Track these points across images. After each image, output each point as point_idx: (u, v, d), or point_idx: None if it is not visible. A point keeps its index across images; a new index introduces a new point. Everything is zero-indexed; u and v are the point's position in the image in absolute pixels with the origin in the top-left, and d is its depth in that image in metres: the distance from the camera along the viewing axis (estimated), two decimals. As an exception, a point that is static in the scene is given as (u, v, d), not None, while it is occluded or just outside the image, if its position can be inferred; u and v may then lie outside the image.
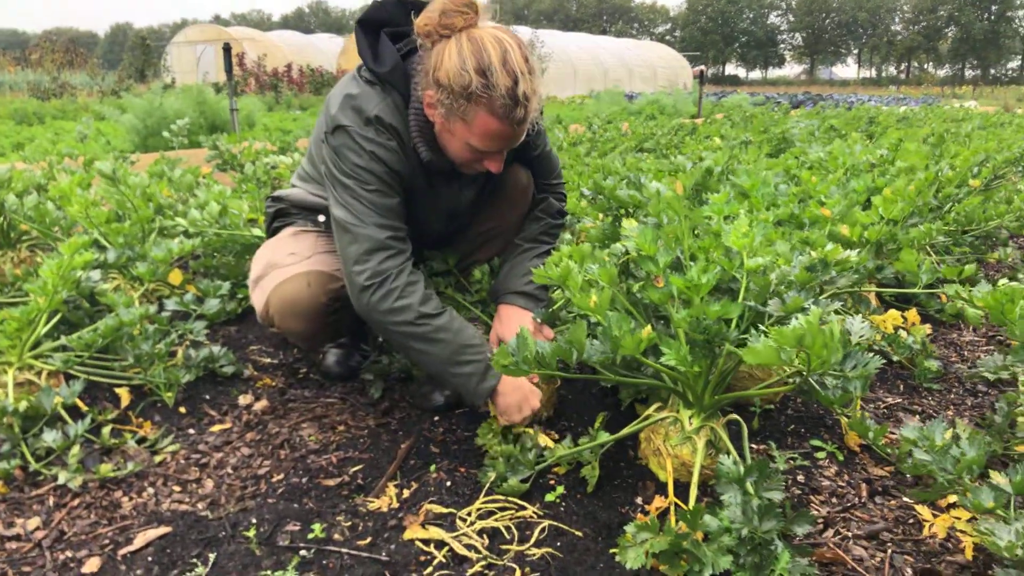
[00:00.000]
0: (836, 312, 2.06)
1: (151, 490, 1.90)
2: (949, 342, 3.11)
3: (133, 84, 22.37)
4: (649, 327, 1.65)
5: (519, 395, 2.00)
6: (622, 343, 1.61)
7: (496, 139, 1.86)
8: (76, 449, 1.98)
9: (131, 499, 1.86)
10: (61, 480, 1.89)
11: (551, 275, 1.68)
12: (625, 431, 1.94)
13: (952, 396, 2.57)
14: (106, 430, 2.07)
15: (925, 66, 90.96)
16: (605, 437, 1.91)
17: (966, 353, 2.99)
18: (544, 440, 2.01)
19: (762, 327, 1.95)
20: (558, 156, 2.43)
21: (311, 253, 2.25)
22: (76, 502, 1.84)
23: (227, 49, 7.98)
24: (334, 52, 34.94)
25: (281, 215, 2.45)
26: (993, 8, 78.30)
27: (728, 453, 1.89)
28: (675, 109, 15.69)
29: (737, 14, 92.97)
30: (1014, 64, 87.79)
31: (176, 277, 3.13)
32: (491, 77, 1.73)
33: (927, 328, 2.98)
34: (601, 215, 2.92)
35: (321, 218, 2.27)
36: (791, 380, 1.89)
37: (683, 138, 7.74)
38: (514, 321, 2.17)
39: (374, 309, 1.95)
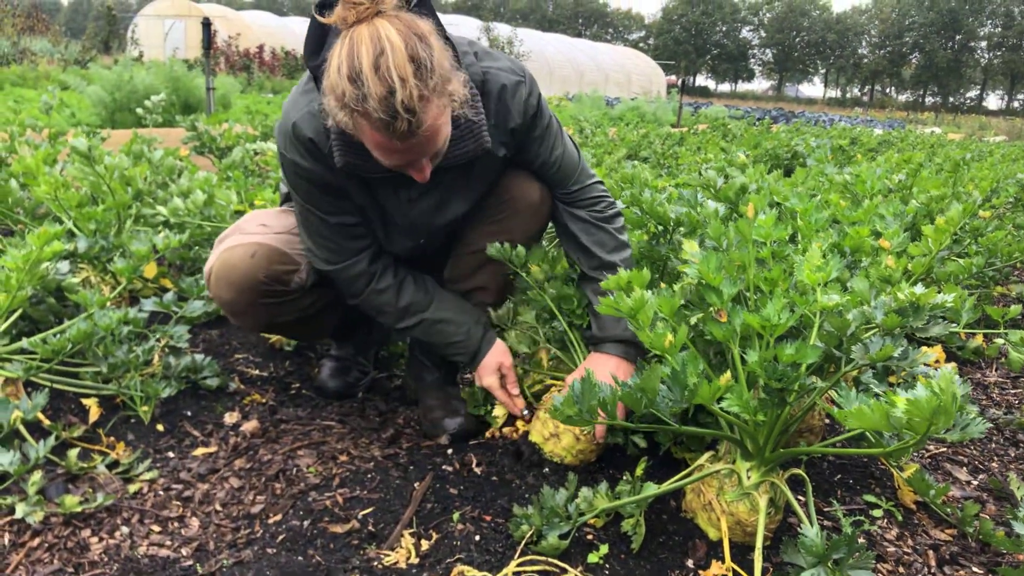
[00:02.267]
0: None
1: (125, 529, 1.63)
2: (976, 383, 2.96)
3: (98, 55, 21.57)
4: (728, 374, 1.43)
5: (487, 378, 2.08)
6: (699, 392, 1.39)
7: (392, 153, 1.56)
8: (37, 475, 1.69)
9: (101, 540, 1.59)
10: (19, 513, 1.60)
11: (621, 307, 1.45)
12: (674, 483, 1.72)
13: (993, 445, 2.41)
14: (72, 452, 1.78)
15: (888, 90, 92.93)
16: (652, 490, 1.68)
17: (995, 396, 2.85)
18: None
19: (829, 374, 1.76)
20: (577, 157, 2.06)
21: (281, 230, 2.03)
22: (36, 542, 1.56)
23: (206, 24, 7.57)
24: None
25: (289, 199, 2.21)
26: (957, 37, 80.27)
27: (794, 514, 1.69)
28: (655, 117, 15.58)
29: (710, 26, 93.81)
30: (972, 93, 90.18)
31: (151, 269, 2.83)
32: (362, 87, 1.41)
33: (954, 367, 2.83)
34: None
35: None
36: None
37: (671, 147, 7.57)
38: (601, 369, 1.92)
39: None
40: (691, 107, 24.46)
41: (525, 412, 2.09)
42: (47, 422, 1.90)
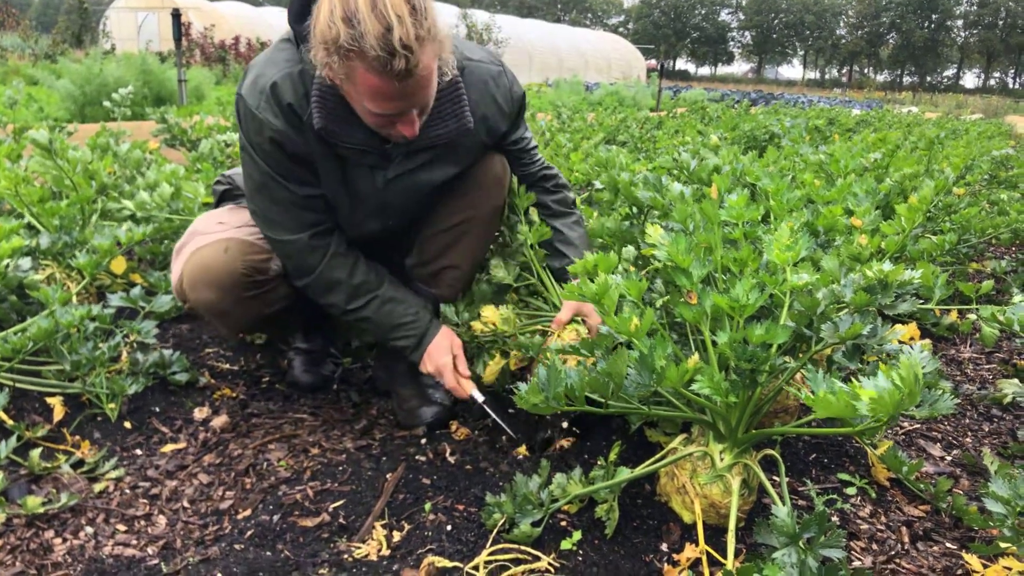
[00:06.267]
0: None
1: (90, 529, 1.59)
2: (950, 359, 2.98)
3: (69, 49, 21.20)
4: (696, 356, 1.42)
5: (441, 358, 1.96)
6: (667, 375, 1.38)
7: (386, 99, 1.55)
8: (-1, 476, 1.66)
9: (65, 541, 1.55)
10: (-21, 516, 1.57)
11: (585, 292, 1.44)
12: (648, 467, 1.71)
13: (967, 421, 2.42)
14: (35, 452, 1.75)
15: (866, 70, 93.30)
16: (625, 474, 1.67)
17: (970, 371, 2.86)
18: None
19: (802, 354, 1.75)
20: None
21: (240, 224, 1.98)
22: (-3, 544, 1.53)
23: (176, 15, 7.45)
24: (284, 26, 33.83)
25: (228, 197, 2.18)
26: (934, 17, 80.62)
27: (767, 494, 1.68)
28: (635, 101, 15.55)
29: (689, 10, 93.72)
30: (949, 72, 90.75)
31: (119, 265, 2.78)
32: (359, 25, 1.42)
33: (928, 344, 2.84)
34: (596, 214, 2.68)
35: None
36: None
37: (650, 131, 7.55)
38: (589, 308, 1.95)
39: (307, 294, 1.96)
40: (671, 91, 24.42)
41: (475, 395, 1.94)
42: (10, 422, 1.86)
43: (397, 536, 1.60)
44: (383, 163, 1.82)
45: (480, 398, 1.94)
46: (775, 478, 1.89)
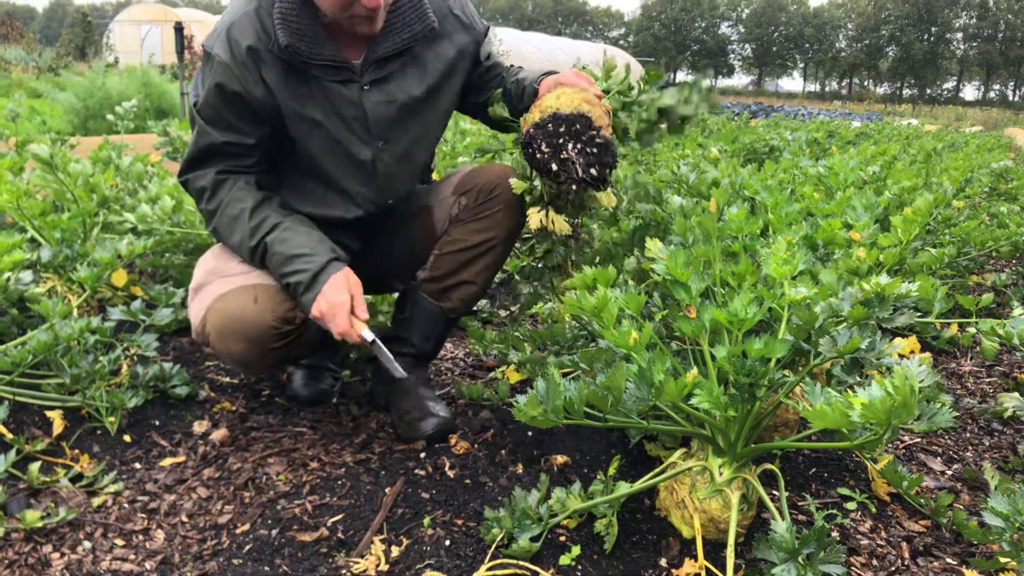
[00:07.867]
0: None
1: (88, 543, 1.59)
2: (950, 372, 2.97)
3: (73, 62, 21.31)
4: (695, 371, 1.42)
5: (336, 297, 1.79)
6: (665, 389, 1.38)
7: None
8: (-3, 491, 1.66)
9: (63, 556, 1.55)
10: (-23, 531, 1.57)
11: (584, 306, 1.44)
12: (647, 482, 1.71)
13: (968, 435, 2.42)
14: (34, 466, 1.75)
15: (866, 83, 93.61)
16: (624, 489, 1.67)
17: (970, 385, 2.86)
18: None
19: (800, 368, 1.75)
20: None
21: None
22: (-5, 559, 1.53)
23: (179, 29, 7.50)
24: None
25: None
26: (933, 29, 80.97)
27: (766, 510, 1.68)
28: (635, 114, 15.58)
29: (690, 22, 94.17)
30: (949, 84, 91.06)
31: (120, 277, 2.78)
32: None
33: (928, 357, 2.84)
34: (596, 226, 2.68)
35: None
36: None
37: (650, 144, 7.56)
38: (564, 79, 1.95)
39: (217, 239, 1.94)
40: (671, 103, 24.34)
41: (365, 335, 1.79)
42: (9, 435, 1.86)
43: (396, 551, 1.60)
44: (354, 76, 1.85)
45: (370, 338, 1.81)
46: (775, 493, 1.88)
